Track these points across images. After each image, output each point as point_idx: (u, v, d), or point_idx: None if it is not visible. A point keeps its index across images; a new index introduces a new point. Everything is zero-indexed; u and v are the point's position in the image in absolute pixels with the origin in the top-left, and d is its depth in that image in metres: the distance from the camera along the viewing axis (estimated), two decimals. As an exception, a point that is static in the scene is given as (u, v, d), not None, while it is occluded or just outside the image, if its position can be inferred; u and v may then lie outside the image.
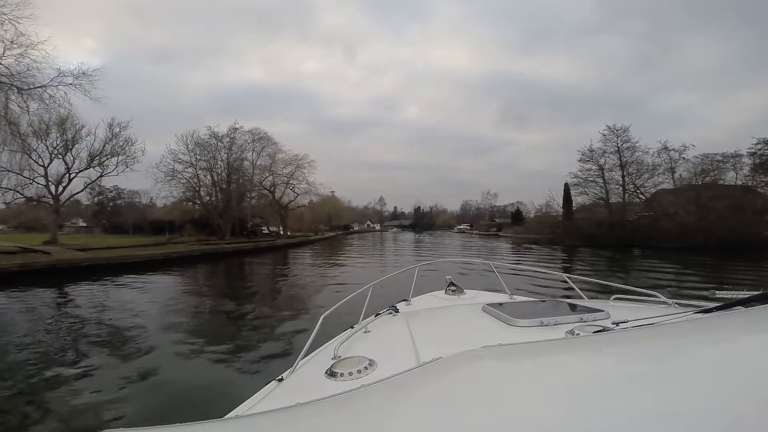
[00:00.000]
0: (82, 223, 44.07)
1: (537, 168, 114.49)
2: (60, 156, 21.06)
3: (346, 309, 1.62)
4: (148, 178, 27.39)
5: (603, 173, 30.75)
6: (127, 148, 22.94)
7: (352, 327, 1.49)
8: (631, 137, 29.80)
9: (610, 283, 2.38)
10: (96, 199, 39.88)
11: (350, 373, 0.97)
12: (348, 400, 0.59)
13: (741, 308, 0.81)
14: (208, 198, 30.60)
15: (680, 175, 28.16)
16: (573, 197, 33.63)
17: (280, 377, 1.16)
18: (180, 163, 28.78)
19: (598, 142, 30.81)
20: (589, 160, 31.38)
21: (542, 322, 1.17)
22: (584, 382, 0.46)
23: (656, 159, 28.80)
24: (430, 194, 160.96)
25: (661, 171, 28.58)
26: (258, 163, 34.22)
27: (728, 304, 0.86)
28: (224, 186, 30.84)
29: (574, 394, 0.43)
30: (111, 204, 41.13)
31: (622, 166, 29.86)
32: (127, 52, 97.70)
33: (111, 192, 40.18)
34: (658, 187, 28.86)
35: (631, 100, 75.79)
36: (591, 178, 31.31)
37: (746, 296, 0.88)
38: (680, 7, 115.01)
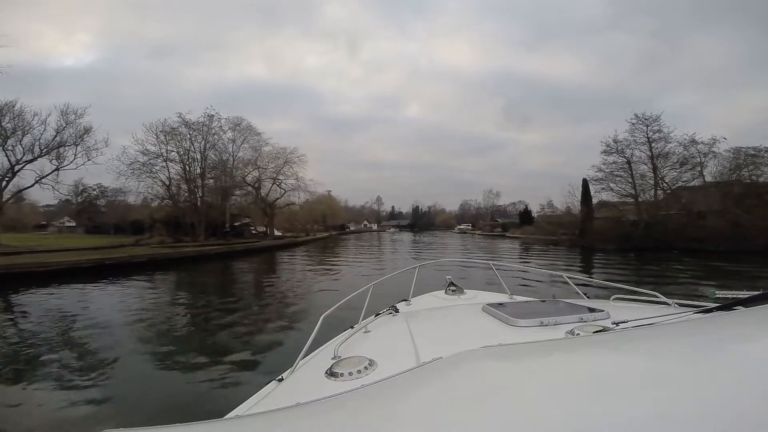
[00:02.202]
0: (70, 223, 42.69)
1: (537, 168, 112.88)
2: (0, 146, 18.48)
3: (346, 309, 1.61)
4: (110, 172, 24.10)
5: (630, 166, 26.95)
6: (84, 137, 20.49)
7: (352, 327, 1.48)
8: (662, 126, 26.14)
9: (610, 283, 2.47)
10: (79, 198, 37.97)
11: (350, 373, 0.96)
12: (348, 400, 0.59)
13: (741, 308, 0.80)
14: (186, 195, 27.27)
15: (701, 171, 25.13)
16: (596, 193, 29.45)
17: (280, 377, 1.16)
18: (146, 154, 25.30)
19: (624, 132, 27.20)
20: (614, 152, 27.47)
21: (542, 322, 1.17)
22: (584, 382, 0.46)
23: (684, 153, 25.58)
24: (428, 194, 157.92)
25: (690, 167, 25.33)
26: (239, 155, 30.94)
27: (728, 304, 0.86)
28: (199, 181, 27.41)
29: (574, 394, 0.43)
30: (94, 203, 39.24)
31: (653, 159, 26.20)
32: (124, 47, 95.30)
33: (94, 190, 38.03)
34: (692, 182, 25.58)
35: (635, 99, 72.73)
36: (617, 172, 27.48)
37: (746, 296, 0.88)
38: (690, 5, 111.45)
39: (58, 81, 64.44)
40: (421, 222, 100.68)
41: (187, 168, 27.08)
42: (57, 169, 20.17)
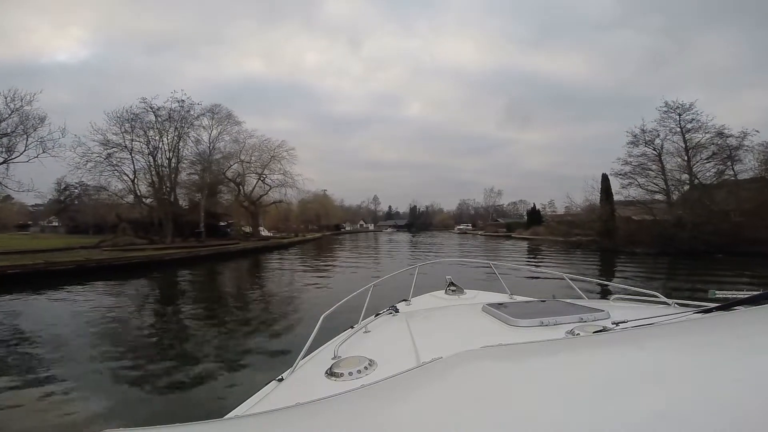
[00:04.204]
0: (56, 223, 41.28)
1: (537, 168, 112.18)
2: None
3: (346, 309, 1.61)
4: (61, 164, 21.32)
5: (661, 159, 24.23)
6: (34, 125, 18.45)
7: (352, 327, 1.49)
8: (697, 115, 23.24)
9: (610, 283, 2.51)
10: (61, 196, 36.07)
11: (350, 373, 0.96)
12: (348, 400, 0.59)
13: (741, 308, 0.80)
14: (153, 191, 24.87)
15: (732, 165, 22.68)
16: (621, 189, 26.26)
17: (280, 377, 1.16)
18: (104, 144, 22.72)
19: (652, 122, 24.31)
20: (641, 143, 24.49)
21: (542, 322, 1.17)
22: (584, 383, 0.46)
23: (719, 143, 23.07)
24: (426, 194, 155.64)
25: (720, 161, 22.98)
26: (217, 146, 28.20)
27: (728, 304, 0.86)
28: (171, 175, 24.90)
29: (574, 394, 0.43)
30: (75, 201, 37.63)
31: (687, 151, 23.52)
32: (119, 43, 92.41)
33: (76, 188, 36.03)
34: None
35: (639, 98, 69.50)
36: (646, 165, 24.51)
37: (746, 296, 0.88)
38: (697, 4, 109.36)
39: (52, 78, 62.32)
40: (419, 222, 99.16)
41: (157, 161, 24.49)
42: (5, 162, 18.11)
